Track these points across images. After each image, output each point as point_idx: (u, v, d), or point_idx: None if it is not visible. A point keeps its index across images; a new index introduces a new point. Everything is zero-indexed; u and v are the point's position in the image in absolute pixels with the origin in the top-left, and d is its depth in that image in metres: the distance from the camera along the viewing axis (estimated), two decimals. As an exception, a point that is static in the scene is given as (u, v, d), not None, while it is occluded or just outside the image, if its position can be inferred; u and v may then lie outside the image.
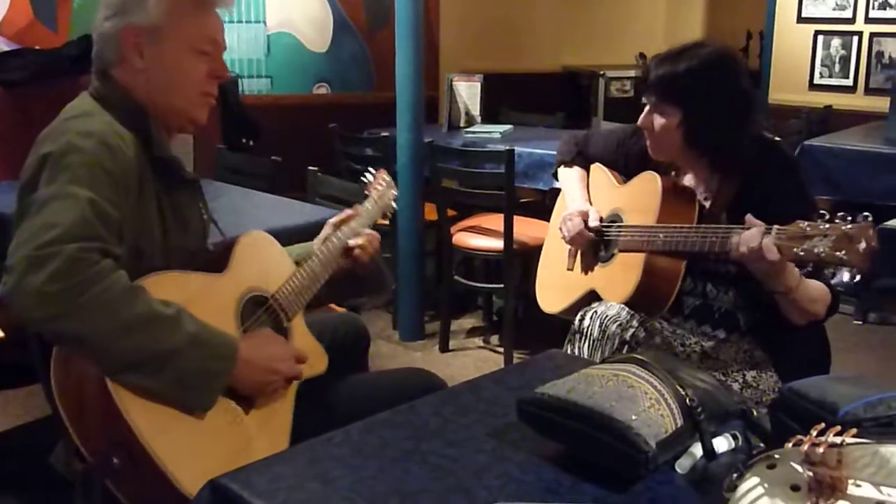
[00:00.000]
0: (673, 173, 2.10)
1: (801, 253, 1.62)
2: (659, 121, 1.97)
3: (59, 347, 1.39)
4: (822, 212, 1.64)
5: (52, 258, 1.29)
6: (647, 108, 2.00)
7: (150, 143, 1.53)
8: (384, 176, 2.12)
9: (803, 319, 1.85)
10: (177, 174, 1.59)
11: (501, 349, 3.78)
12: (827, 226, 1.60)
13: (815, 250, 1.60)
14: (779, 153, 1.98)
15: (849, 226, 1.58)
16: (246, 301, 1.59)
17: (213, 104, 1.64)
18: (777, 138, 2.04)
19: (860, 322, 4.13)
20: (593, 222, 2.17)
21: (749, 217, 1.74)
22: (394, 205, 2.09)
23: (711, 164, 1.99)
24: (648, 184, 2.06)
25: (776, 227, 1.68)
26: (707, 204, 2.01)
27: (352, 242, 1.84)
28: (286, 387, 1.59)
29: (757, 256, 1.69)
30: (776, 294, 1.79)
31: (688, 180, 2.07)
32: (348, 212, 1.92)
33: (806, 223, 1.63)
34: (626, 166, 2.22)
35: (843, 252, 1.56)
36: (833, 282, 1.76)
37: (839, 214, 1.60)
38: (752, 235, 1.70)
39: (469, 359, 3.77)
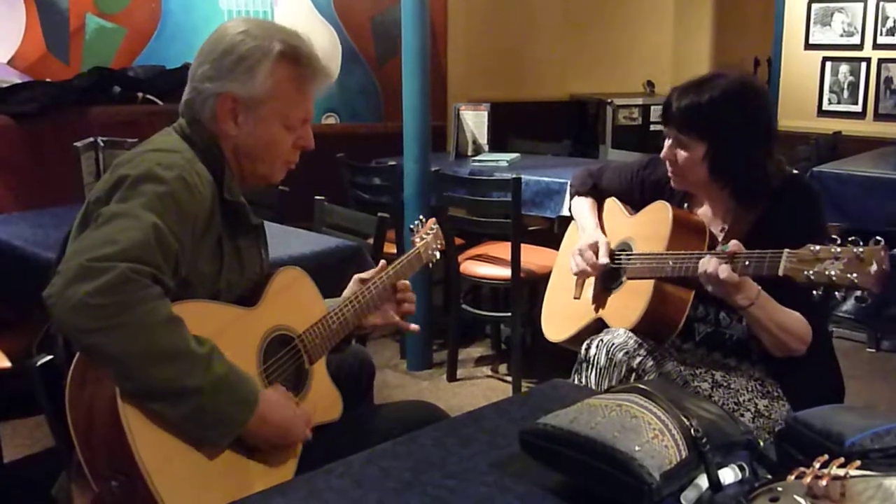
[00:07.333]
0: (686, 205, 2.09)
1: (812, 276, 1.60)
2: (683, 154, 1.95)
3: (75, 369, 1.38)
4: (833, 236, 1.63)
5: (105, 272, 1.29)
6: (668, 141, 1.99)
7: (221, 186, 1.55)
8: (432, 225, 2.06)
9: (778, 350, 1.86)
10: (243, 218, 1.62)
11: (510, 378, 3.75)
12: (838, 249, 1.59)
13: (827, 272, 1.58)
14: (800, 186, 1.98)
15: (860, 249, 1.56)
16: (271, 339, 1.58)
17: (293, 168, 1.68)
18: (795, 171, 2.02)
19: (873, 350, 4.09)
20: (603, 257, 2.13)
21: (734, 242, 1.76)
22: (437, 255, 2.04)
23: (735, 194, 1.97)
24: (659, 213, 2.06)
25: (787, 250, 1.67)
26: (722, 236, 1.99)
27: (399, 297, 1.83)
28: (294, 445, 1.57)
29: (714, 280, 1.76)
30: (741, 311, 1.83)
31: (702, 212, 2.06)
32: (378, 268, 1.88)
33: (817, 246, 1.62)
34: (641, 198, 2.20)
35: (855, 275, 1.55)
36: (843, 308, 1.75)
37: (850, 238, 1.59)
38: (707, 261, 1.77)
39: (477, 388, 3.75)
